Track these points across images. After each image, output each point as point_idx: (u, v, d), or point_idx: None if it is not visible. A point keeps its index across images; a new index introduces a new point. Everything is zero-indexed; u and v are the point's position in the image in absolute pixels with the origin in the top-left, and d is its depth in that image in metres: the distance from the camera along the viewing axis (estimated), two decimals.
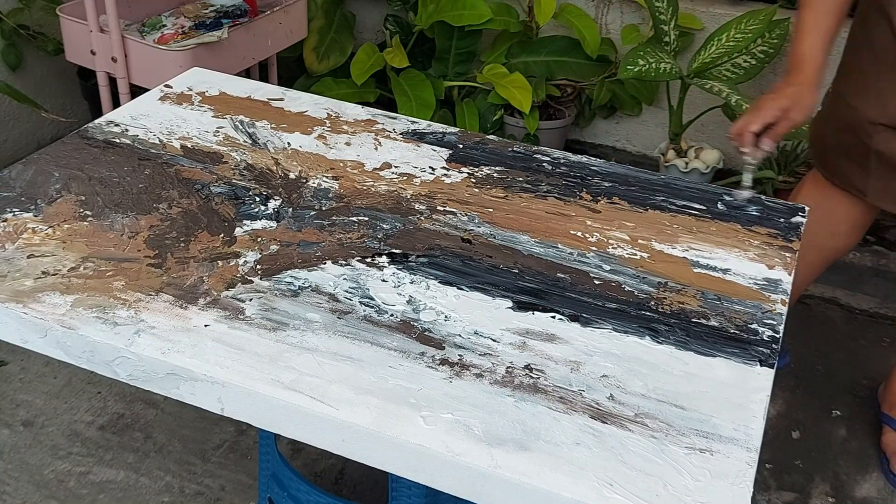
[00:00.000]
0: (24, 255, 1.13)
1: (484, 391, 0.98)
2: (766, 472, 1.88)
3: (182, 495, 1.74)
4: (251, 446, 1.84)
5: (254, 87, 1.61)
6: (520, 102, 2.59)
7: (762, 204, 1.36)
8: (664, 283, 1.17)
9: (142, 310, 1.05)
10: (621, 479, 0.88)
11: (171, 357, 0.99)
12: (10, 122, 2.70)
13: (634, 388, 1.00)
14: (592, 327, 1.08)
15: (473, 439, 0.92)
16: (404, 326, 1.06)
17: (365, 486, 1.75)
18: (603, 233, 1.26)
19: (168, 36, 2.36)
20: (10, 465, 1.78)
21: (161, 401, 1.93)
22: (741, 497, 0.88)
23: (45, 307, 1.05)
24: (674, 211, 1.33)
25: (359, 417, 0.93)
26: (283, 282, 1.12)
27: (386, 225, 1.25)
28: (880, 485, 1.88)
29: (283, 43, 2.54)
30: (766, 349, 1.07)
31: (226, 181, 1.32)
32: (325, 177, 1.35)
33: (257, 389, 0.96)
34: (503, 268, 1.18)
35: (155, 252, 1.16)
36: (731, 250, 1.24)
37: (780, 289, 1.17)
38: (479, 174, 1.39)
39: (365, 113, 1.54)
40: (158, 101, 1.53)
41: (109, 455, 1.81)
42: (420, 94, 2.64)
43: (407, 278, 1.14)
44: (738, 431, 0.95)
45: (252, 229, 1.22)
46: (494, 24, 2.70)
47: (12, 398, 1.93)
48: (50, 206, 1.23)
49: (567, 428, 0.94)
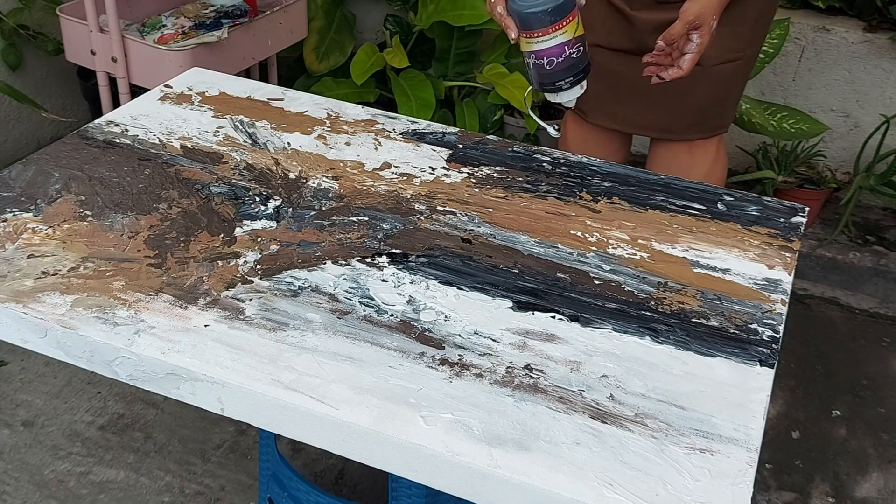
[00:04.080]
0: (24, 255, 1.13)
1: (484, 391, 0.98)
2: (766, 472, 1.88)
3: (182, 495, 1.74)
4: (251, 446, 1.84)
5: (254, 87, 1.61)
6: (520, 102, 2.59)
7: (762, 204, 1.36)
8: (664, 283, 1.17)
9: (142, 310, 1.05)
10: (621, 479, 0.88)
11: (171, 357, 0.99)
12: (10, 122, 2.70)
13: (634, 388, 1.00)
14: (592, 327, 1.08)
15: (473, 439, 0.92)
16: (404, 326, 1.06)
17: (365, 486, 1.75)
18: (603, 233, 1.26)
19: (168, 36, 2.36)
20: (10, 465, 1.78)
21: (161, 401, 1.93)
22: (741, 497, 0.88)
23: (45, 307, 1.05)
24: (673, 211, 1.33)
25: (358, 417, 0.93)
26: (283, 282, 1.12)
27: (386, 225, 1.25)
28: (880, 485, 1.88)
29: (283, 43, 2.54)
30: (766, 349, 1.07)
31: (226, 181, 1.32)
32: (325, 177, 1.35)
33: (257, 389, 0.96)
34: (503, 268, 1.18)
35: (155, 252, 1.16)
36: (730, 250, 1.24)
37: (780, 289, 1.17)
38: (479, 174, 1.39)
39: (365, 113, 1.54)
40: (158, 101, 1.53)
41: (109, 455, 1.81)
42: (420, 94, 2.64)
43: (407, 278, 1.14)
44: (738, 431, 0.95)
45: (252, 229, 1.22)
46: (494, 24, 2.69)
47: (12, 398, 1.93)
48: (50, 206, 1.23)
49: (567, 428, 0.94)
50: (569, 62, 1.29)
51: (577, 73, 1.31)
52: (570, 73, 1.31)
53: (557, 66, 1.29)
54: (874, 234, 2.62)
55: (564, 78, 1.31)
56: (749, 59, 1.73)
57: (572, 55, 1.29)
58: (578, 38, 1.29)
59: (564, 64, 1.29)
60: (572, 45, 1.28)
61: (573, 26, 1.27)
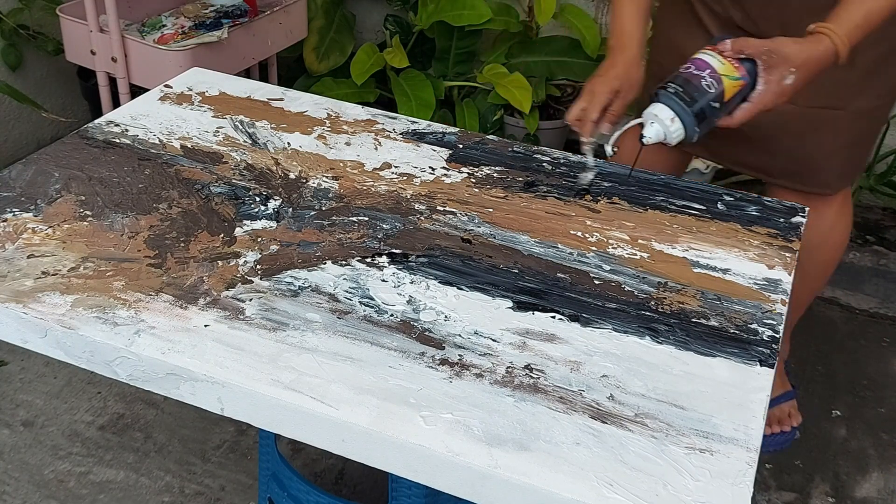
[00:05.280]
0: (24, 255, 1.13)
1: (484, 391, 0.98)
2: (766, 472, 1.88)
3: (182, 495, 1.74)
4: (251, 446, 1.84)
5: (254, 87, 1.61)
6: (520, 102, 2.59)
7: (762, 204, 1.36)
8: (664, 283, 1.17)
9: (142, 310, 1.05)
10: (621, 479, 0.88)
11: (171, 357, 0.99)
12: (10, 122, 2.70)
13: (634, 388, 1.00)
14: (592, 327, 1.08)
15: (473, 439, 0.92)
16: (404, 326, 1.06)
17: (365, 486, 1.75)
18: (603, 233, 1.26)
19: (168, 36, 2.36)
20: (10, 465, 1.78)
21: (161, 401, 1.93)
22: (741, 497, 0.88)
23: (45, 307, 1.05)
24: (673, 211, 1.33)
25: (358, 417, 0.93)
26: (283, 282, 1.12)
27: (386, 225, 1.25)
28: (880, 485, 1.88)
29: (283, 43, 2.54)
30: (766, 349, 1.07)
31: (226, 181, 1.32)
32: (325, 177, 1.35)
33: (257, 389, 0.96)
34: (503, 268, 1.18)
35: (155, 252, 1.16)
36: (730, 250, 1.24)
37: (779, 289, 1.17)
38: (479, 174, 1.39)
39: (365, 113, 1.54)
40: (158, 101, 1.53)
41: (109, 455, 1.81)
42: (420, 94, 2.64)
43: (407, 278, 1.14)
44: (738, 431, 0.95)
45: (252, 229, 1.22)
46: (494, 24, 2.70)
47: (12, 398, 1.93)
48: (50, 206, 1.23)
49: (567, 428, 0.94)
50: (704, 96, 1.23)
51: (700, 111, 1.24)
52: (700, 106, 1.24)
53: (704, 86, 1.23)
54: (874, 234, 2.62)
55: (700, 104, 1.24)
56: (861, 115, 1.55)
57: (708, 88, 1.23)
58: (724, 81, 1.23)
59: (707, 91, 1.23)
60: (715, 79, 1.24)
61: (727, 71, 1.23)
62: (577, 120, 1.37)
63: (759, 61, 1.24)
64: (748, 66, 1.24)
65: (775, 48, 1.24)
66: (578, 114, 1.37)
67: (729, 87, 1.23)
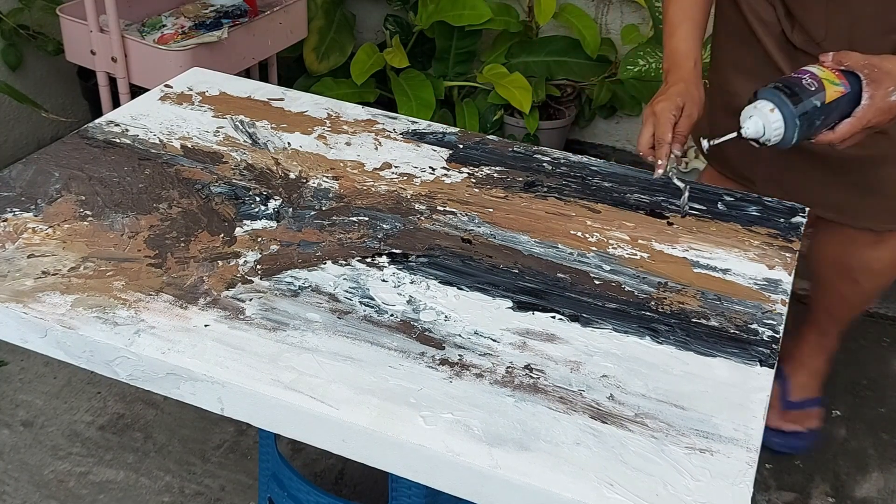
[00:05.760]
0: (24, 255, 1.13)
1: (484, 391, 0.98)
2: (766, 472, 1.88)
3: (182, 495, 1.74)
4: (251, 446, 1.84)
5: (254, 87, 1.61)
6: (520, 102, 2.59)
7: (762, 204, 1.36)
8: (664, 283, 1.17)
9: (142, 310, 1.05)
10: (621, 479, 0.88)
11: (171, 357, 0.99)
12: (10, 122, 2.70)
13: (634, 388, 1.00)
14: (592, 327, 1.08)
15: (473, 439, 0.92)
16: (404, 326, 1.06)
17: (365, 486, 1.75)
18: (603, 233, 1.26)
19: (168, 36, 2.36)
20: (10, 465, 1.78)
21: (161, 401, 1.93)
22: (741, 497, 0.88)
23: (45, 307, 1.05)
24: (674, 211, 1.32)
25: (358, 417, 0.93)
26: (283, 282, 1.12)
27: (386, 225, 1.25)
28: (880, 485, 1.88)
29: (283, 43, 2.53)
30: (766, 349, 1.07)
31: (226, 181, 1.32)
32: (325, 177, 1.35)
33: (257, 389, 0.96)
34: (503, 268, 1.18)
35: (155, 252, 1.16)
36: (731, 250, 1.24)
37: (780, 289, 1.17)
38: (480, 174, 1.39)
39: (365, 113, 1.54)
40: (158, 101, 1.53)
41: (109, 455, 1.81)
42: (420, 94, 2.64)
43: (407, 278, 1.14)
44: (738, 431, 0.95)
45: (252, 229, 1.22)
46: (494, 24, 2.70)
47: (12, 398, 1.93)
48: (50, 206, 1.23)
49: (567, 428, 0.94)
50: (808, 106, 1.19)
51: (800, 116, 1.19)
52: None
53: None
54: None
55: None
56: None
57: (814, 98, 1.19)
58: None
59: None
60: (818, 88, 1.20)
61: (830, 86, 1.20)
62: (650, 148, 1.29)
63: (861, 75, 1.20)
64: (850, 78, 1.21)
65: (878, 63, 1.20)
66: (649, 141, 1.29)
67: (830, 91, 1.19)
